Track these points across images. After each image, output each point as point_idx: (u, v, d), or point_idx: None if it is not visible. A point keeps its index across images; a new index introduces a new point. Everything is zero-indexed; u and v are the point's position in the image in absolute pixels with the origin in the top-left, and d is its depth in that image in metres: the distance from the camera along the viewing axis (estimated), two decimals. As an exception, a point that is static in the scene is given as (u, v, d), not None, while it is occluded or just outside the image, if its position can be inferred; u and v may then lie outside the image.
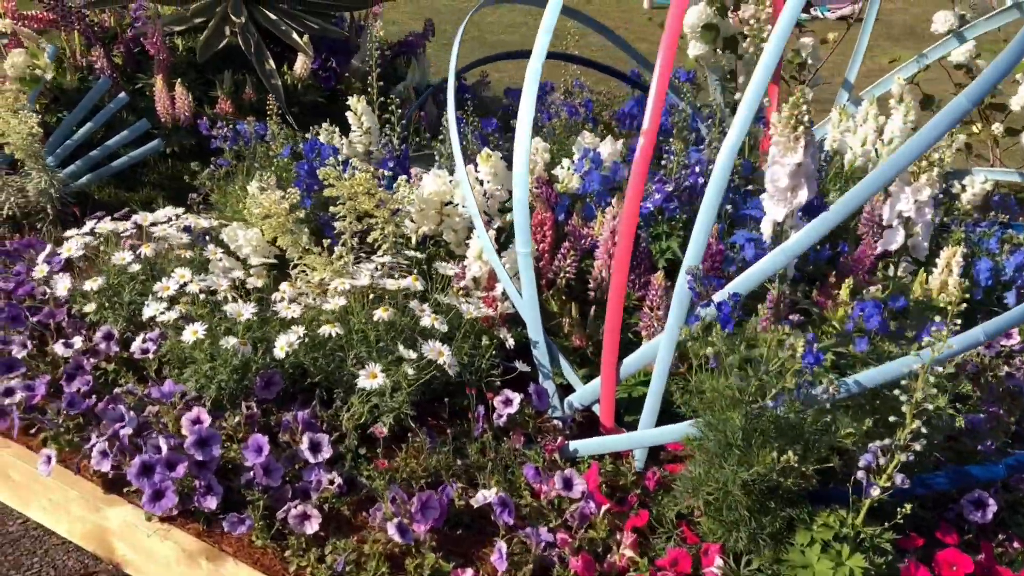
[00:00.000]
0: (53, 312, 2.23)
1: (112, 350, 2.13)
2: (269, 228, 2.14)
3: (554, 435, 1.92)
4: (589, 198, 2.32)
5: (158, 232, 2.22)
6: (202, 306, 2.03)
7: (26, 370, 2.08)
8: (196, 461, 1.77)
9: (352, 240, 2.13)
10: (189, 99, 3.14)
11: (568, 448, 1.91)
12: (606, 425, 1.96)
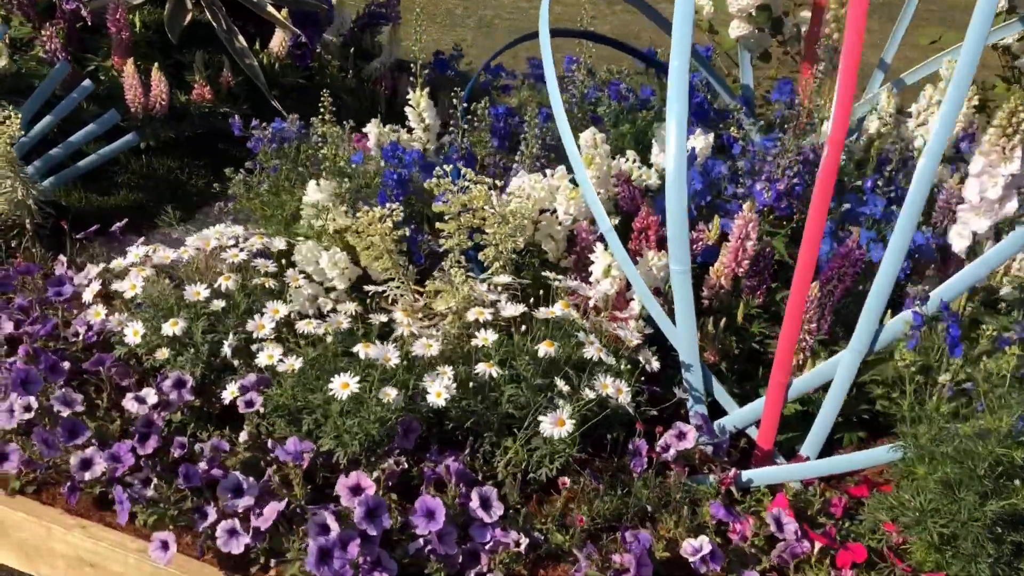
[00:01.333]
0: (103, 358, 1.88)
1: (185, 399, 1.82)
2: (363, 249, 1.88)
3: (720, 465, 1.80)
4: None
5: (230, 258, 1.90)
6: (309, 344, 1.76)
7: (91, 434, 1.74)
8: (365, 535, 1.53)
9: (459, 258, 1.90)
10: (165, 85, 2.73)
11: (740, 478, 1.79)
12: (764, 448, 1.85)
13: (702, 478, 1.79)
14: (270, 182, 2.18)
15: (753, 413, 1.85)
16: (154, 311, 1.87)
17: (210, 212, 2.85)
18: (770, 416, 1.82)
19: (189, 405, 1.84)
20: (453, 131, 2.26)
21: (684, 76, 1.77)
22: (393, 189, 2.00)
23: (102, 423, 1.79)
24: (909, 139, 2.49)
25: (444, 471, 1.68)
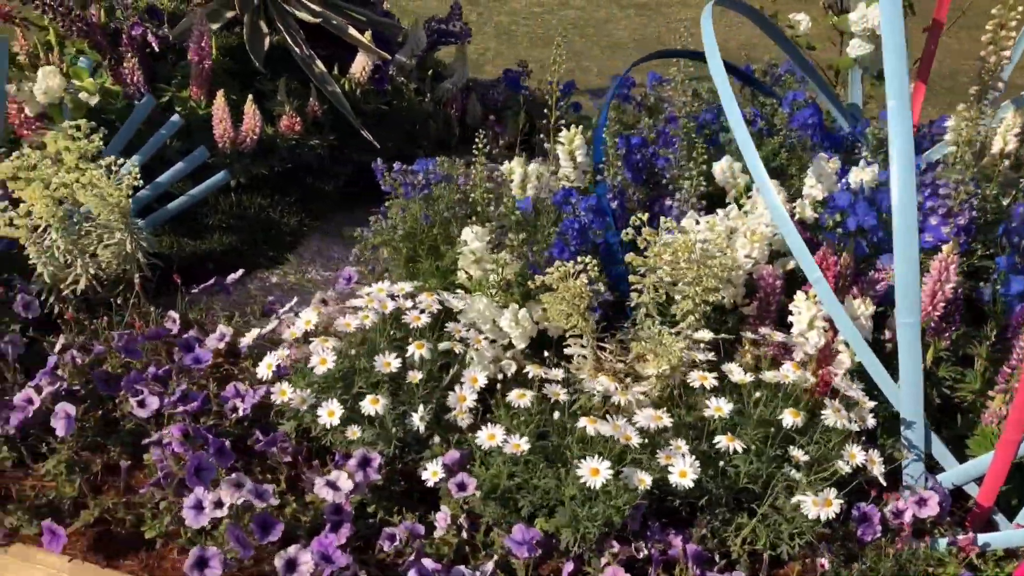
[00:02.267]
0: (276, 438, 1.71)
1: (370, 479, 1.66)
2: (556, 306, 1.73)
3: (949, 528, 1.69)
4: (860, 234, 2.06)
5: (412, 322, 1.73)
6: (513, 416, 1.61)
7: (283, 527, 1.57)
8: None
9: (652, 313, 1.77)
10: (259, 118, 2.54)
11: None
12: (984, 506, 1.75)
13: (933, 542, 1.68)
14: (414, 229, 2.01)
15: (975, 470, 1.74)
16: (327, 382, 1.71)
17: (304, 252, 2.67)
18: (996, 474, 1.71)
19: (371, 484, 1.68)
20: (604, 164, 2.11)
21: (906, 117, 1.66)
22: (572, 239, 1.85)
23: (292, 513, 1.62)
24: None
25: (680, 553, 1.55)
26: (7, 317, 2.08)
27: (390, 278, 2.13)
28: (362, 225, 2.83)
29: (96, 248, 2.12)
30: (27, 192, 1.98)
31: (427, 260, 2.02)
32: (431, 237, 2.05)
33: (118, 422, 1.87)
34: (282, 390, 1.63)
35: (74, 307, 2.14)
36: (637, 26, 5.80)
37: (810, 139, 2.49)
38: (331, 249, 2.73)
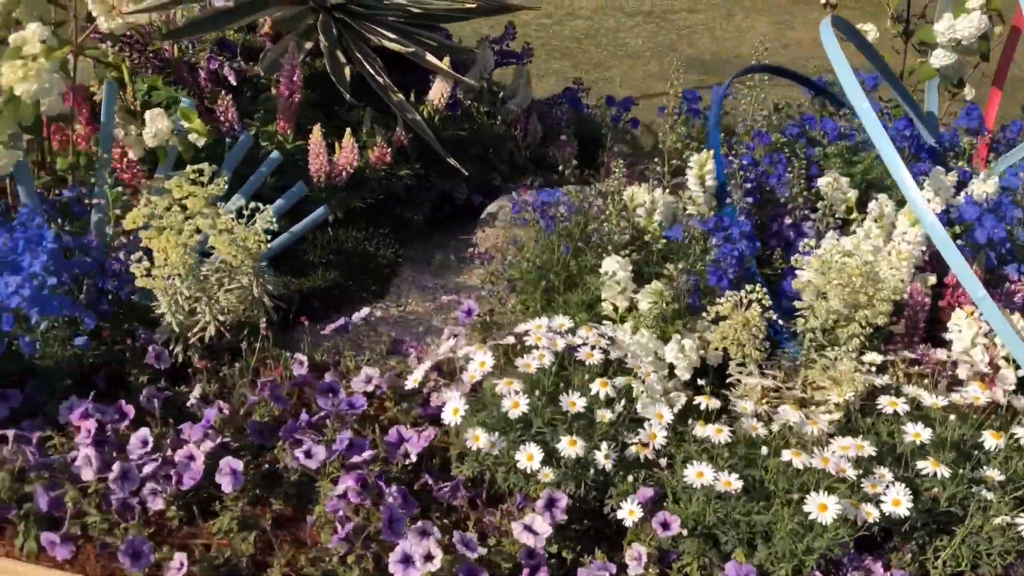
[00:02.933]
0: (458, 484, 1.68)
1: (557, 520, 1.64)
2: (721, 336, 1.73)
3: None
4: (990, 247, 2.09)
5: (585, 358, 1.71)
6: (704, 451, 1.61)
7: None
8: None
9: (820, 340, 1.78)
10: (356, 151, 2.51)
11: None
12: None
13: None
14: (549, 260, 1.99)
15: None
16: (505, 424, 1.69)
17: (401, 283, 2.64)
18: None
19: (555, 524, 1.66)
20: (731, 189, 2.11)
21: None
22: (731, 266, 1.85)
23: (488, 559, 1.60)
24: None
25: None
26: (137, 369, 2.03)
27: (523, 311, 2.12)
28: (450, 252, 2.83)
29: (219, 293, 2.07)
30: (160, 241, 1.93)
31: (566, 292, 2.01)
32: (568, 268, 2.03)
33: (278, 474, 1.83)
34: (475, 435, 1.61)
35: (200, 355, 2.09)
36: (649, 34, 5.82)
37: (908, 150, 2.52)
38: (423, 279, 2.70)
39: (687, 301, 1.84)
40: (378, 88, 2.77)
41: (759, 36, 5.83)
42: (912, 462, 1.60)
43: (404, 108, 2.77)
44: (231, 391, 2.05)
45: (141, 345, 2.05)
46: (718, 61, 5.33)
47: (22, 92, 1.74)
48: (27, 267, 1.89)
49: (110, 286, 2.05)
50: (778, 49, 5.63)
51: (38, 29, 1.82)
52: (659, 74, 5.09)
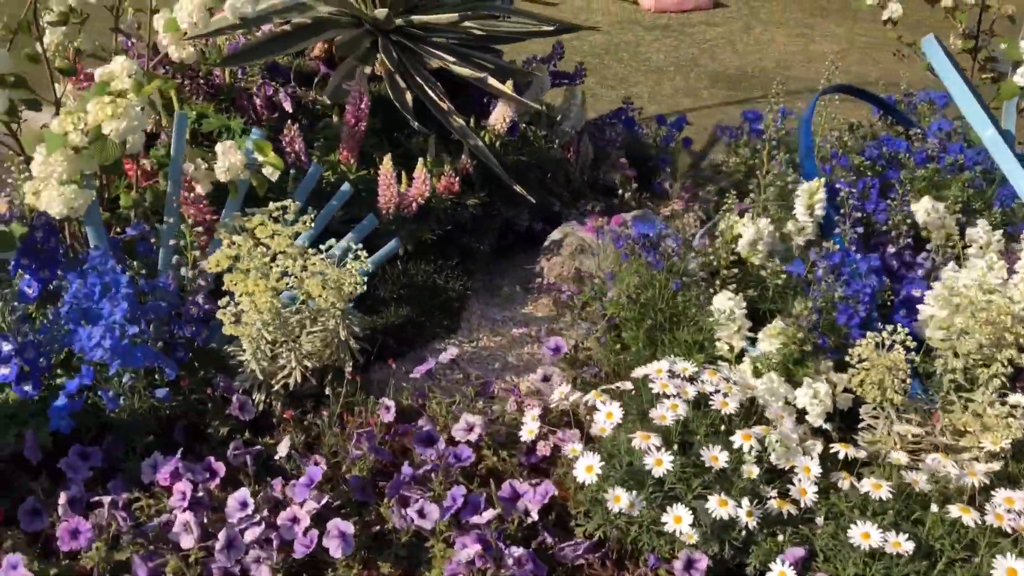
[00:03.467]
0: (588, 545, 1.57)
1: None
2: (869, 378, 1.62)
3: None
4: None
5: (720, 407, 1.60)
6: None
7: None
8: None
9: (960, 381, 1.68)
10: (428, 182, 2.39)
11: None
12: None
13: None
14: (652, 297, 1.88)
15: None
16: (636, 478, 1.57)
17: (471, 317, 2.53)
18: None
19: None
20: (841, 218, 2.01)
21: None
22: (863, 303, 1.74)
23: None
24: None
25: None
26: (218, 420, 1.90)
27: (620, 350, 2.01)
28: (515, 283, 2.71)
29: (303, 337, 1.95)
30: (247, 285, 1.81)
31: (672, 330, 1.90)
32: (673, 305, 1.92)
33: (385, 534, 1.70)
34: (616, 496, 1.49)
35: (283, 403, 1.97)
36: (669, 48, 5.73)
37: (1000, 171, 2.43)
38: (491, 311, 2.59)
39: (817, 341, 1.74)
40: (439, 113, 2.66)
41: (780, 49, 5.80)
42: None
43: (466, 134, 2.66)
44: (319, 441, 1.93)
45: (221, 394, 1.93)
46: (743, 75, 5.25)
47: (111, 131, 1.62)
48: (107, 316, 1.76)
49: (187, 332, 1.92)
50: (802, 63, 5.57)
51: (126, 63, 1.69)
52: (686, 89, 5.01)
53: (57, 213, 1.77)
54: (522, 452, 1.87)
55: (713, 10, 6.51)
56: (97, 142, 1.65)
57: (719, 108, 4.77)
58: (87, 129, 1.65)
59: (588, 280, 2.66)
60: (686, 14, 6.39)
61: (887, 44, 5.94)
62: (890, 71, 5.38)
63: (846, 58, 5.66)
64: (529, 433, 1.73)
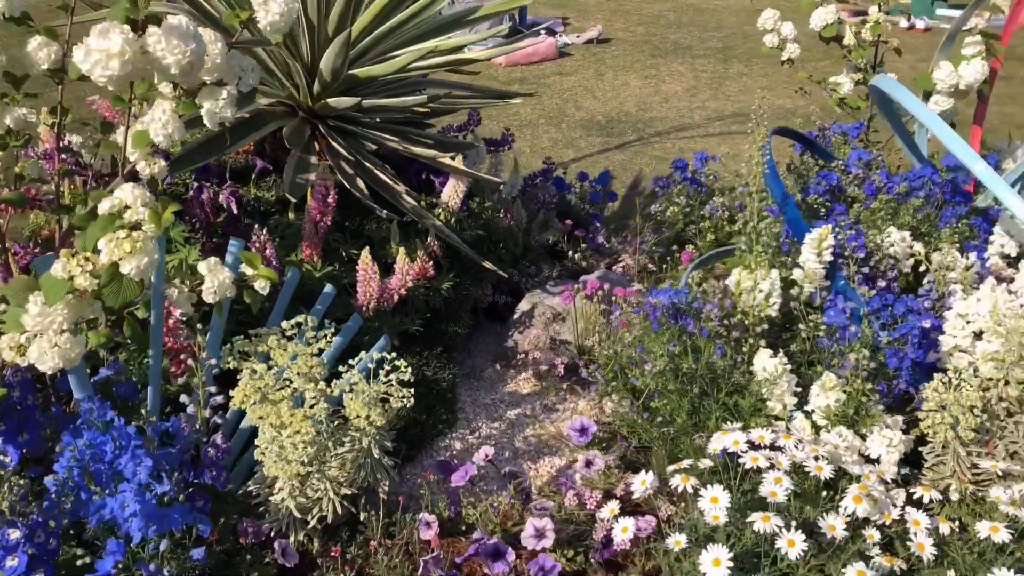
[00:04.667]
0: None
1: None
2: (938, 424, 1.65)
3: None
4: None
5: (813, 469, 1.57)
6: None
7: None
8: None
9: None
10: (411, 272, 2.26)
11: None
12: None
13: None
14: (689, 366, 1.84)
15: None
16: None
17: (464, 405, 2.40)
18: None
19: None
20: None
21: None
22: (912, 348, 1.77)
23: None
24: None
25: None
26: (256, 571, 1.69)
27: (661, 423, 1.95)
28: (495, 361, 2.60)
29: (332, 462, 1.78)
30: (283, 416, 1.62)
31: (723, 395, 1.86)
32: (712, 370, 1.89)
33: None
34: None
35: (319, 538, 1.78)
36: (533, 102, 5.78)
37: (943, 194, 2.57)
38: (479, 396, 2.48)
39: (877, 388, 1.75)
40: (391, 196, 2.54)
41: (637, 92, 5.99)
42: None
43: (422, 214, 2.54)
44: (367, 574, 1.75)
45: (253, 542, 1.72)
46: (612, 121, 5.38)
47: (131, 269, 1.41)
48: (132, 476, 1.53)
49: (207, 479, 1.70)
50: (660, 103, 5.77)
51: (137, 190, 1.49)
52: (564, 140, 5.07)
53: (50, 368, 1.52)
54: (594, 549, 1.77)
55: (560, 60, 6.66)
56: (113, 283, 1.44)
57: (601, 155, 4.86)
58: (98, 270, 1.43)
59: (564, 348, 2.60)
60: (537, 65, 6.49)
61: (727, 79, 6.32)
62: (743, 104, 5.69)
63: (697, 95, 5.92)
64: (623, 531, 1.63)
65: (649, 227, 3.16)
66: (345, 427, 1.82)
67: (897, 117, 2.76)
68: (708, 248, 2.91)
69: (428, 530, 1.83)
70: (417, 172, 2.84)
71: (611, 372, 2.04)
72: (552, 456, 2.22)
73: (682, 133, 5.25)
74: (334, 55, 2.18)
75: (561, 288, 2.73)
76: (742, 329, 1.92)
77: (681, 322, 1.89)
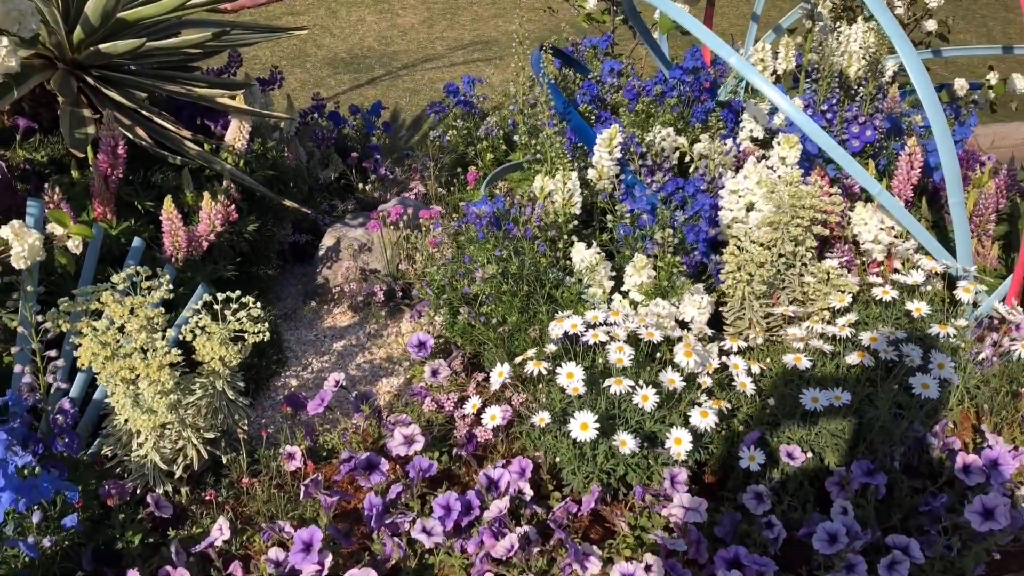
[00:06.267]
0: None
1: None
2: (738, 278, 1.91)
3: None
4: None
5: (645, 336, 1.77)
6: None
7: None
8: None
9: None
10: (219, 217, 2.21)
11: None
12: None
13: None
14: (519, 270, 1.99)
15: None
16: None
17: (292, 345, 2.40)
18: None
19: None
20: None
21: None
22: (704, 220, 2.00)
23: None
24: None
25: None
26: (131, 530, 1.65)
27: (495, 324, 2.08)
28: (308, 299, 2.61)
29: (187, 410, 1.76)
30: (138, 368, 1.58)
31: (550, 290, 2.02)
32: (536, 270, 2.04)
33: (392, 572, 1.64)
34: (623, 440, 1.60)
35: (186, 486, 1.76)
36: (271, 43, 5.62)
37: (692, 92, 2.87)
38: (302, 333, 2.49)
39: (681, 261, 1.98)
40: (174, 144, 2.44)
41: (374, 28, 5.98)
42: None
43: (209, 159, 2.48)
44: (250, 512, 1.76)
45: (123, 502, 1.67)
46: (356, 58, 5.35)
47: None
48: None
49: (61, 447, 1.62)
50: (399, 37, 5.81)
51: None
52: (312, 80, 4.99)
53: None
54: (459, 444, 1.88)
55: (288, 0, 6.48)
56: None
57: (353, 92, 4.84)
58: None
59: (372, 276, 2.66)
60: (266, 7, 6.28)
61: (459, 9, 6.46)
62: (479, 32, 5.86)
63: (434, 26, 6.02)
64: (491, 418, 1.75)
65: (426, 153, 3.25)
66: (190, 375, 1.79)
67: (645, 26, 3.02)
68: (490, 167, 3.06)
69: (293, 461, 1.86)
70: (190, 117, 2.74)
71: (439, 287, 2.13)
72: (389, 377, 2.30)
73: (427, 64, 5.33)
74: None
75: (361, 220, 2.77)
76: (556, 228, 2.08)
77: (505, 227, 2.02)
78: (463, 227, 2.11)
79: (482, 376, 2.06)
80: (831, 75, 2.72)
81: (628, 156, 2.29)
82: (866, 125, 2.55)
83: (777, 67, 3.05)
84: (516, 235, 2.01)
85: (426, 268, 2.34)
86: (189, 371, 1.81)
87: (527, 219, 2.01)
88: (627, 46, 3.51)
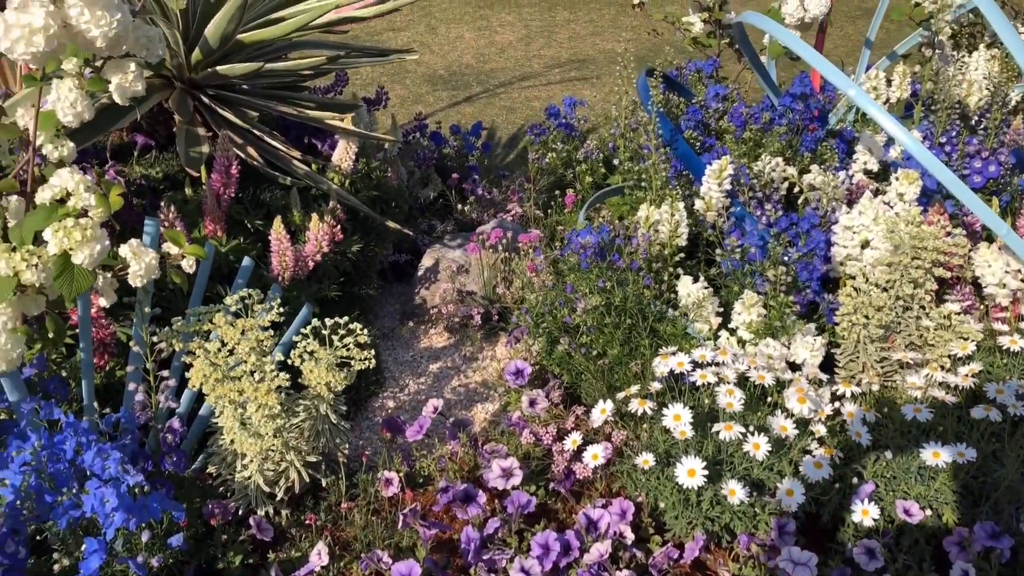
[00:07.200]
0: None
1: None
2: (855, 320, 1.83)
3: None
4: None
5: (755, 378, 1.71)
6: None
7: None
8: None
9: None
10: (326, 238, 2.23)
11: None
12: None
13: None
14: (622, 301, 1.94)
15: None
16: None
17: (389, 366, 2.41)
18: None
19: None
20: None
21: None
22: (819, 258, 1.93)
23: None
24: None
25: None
26: (232, 551, 1.67)
27: (595, 356, 2.05)
28: (406, 319, 2.62)
29: (289, 433, 1.77)
30: (247, 391, 1.60)
31: (654, 323, 1.98)
32: (639, 302, 2.00)
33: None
34: (731, 489, 1.54)
35: (286, 508, 1.78)
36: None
37: (802, 120, 2.78)
38: (399, 354, 2.50)
39: (794, 300, 1.91)
40: (284, 164, 2.48)
41: (472, 45, 6.03)
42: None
43: (317, 179, 2.51)
44: (345, 538, 1.77)
45: (226, 522, 1.69)
46: (454, 75, 5.39)
47: (84, 259, 1.33)
48: (101, 472, 1.47)
49: (168, 465, 1.65)
50: (497, 55, 5.84)
51: (77, 175, 1.39)
52: (412, 97, 5.05)
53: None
54: (556, 480, 1.85)
55: (389, 16, 6.57)
56: (64, 275, 1.35)
57: (451, 109, 4.87)
58: (45, 263, 1.34)
59: (469, 298, 2.65)
60: (367, 23, 6.39)
61: (556, 26, 6.46)
62: (576, 50, 5.85)
63: (531, 44, 6.03)
64: (594, 457, 1.72)
65: (524, 174, 3.23)
66: (294, 397, 1.80)
67: (754, 51, 2.95)
68: (588, 191, 3.03)
69: (391, 487, 1.85)
70: (298, 137, 2.79)
71: (539, 315, 2.11)
72: (483, 403, 2.28)
73: (524, 83, 5.33)
74: (226, 20, 2.11)
75: (459, 241, 2.77)
76: (662, 260, 2.04)
77: (609, 258, 1.98)
78: (564, 256, 2.08)
79: (581, 409, 2.03)
80: (950, 106, 2.61)
81: (737, 187, 2.23)
82: (989, 160, 2.43)
83: (890, 95, 2.94)
84: (621, 266, 1.97)
85: (524, 293, 2.32)
86: (292, 392, 1.83)
87: (633, 251, 1.97)
88: (731, 69, 3.44)
